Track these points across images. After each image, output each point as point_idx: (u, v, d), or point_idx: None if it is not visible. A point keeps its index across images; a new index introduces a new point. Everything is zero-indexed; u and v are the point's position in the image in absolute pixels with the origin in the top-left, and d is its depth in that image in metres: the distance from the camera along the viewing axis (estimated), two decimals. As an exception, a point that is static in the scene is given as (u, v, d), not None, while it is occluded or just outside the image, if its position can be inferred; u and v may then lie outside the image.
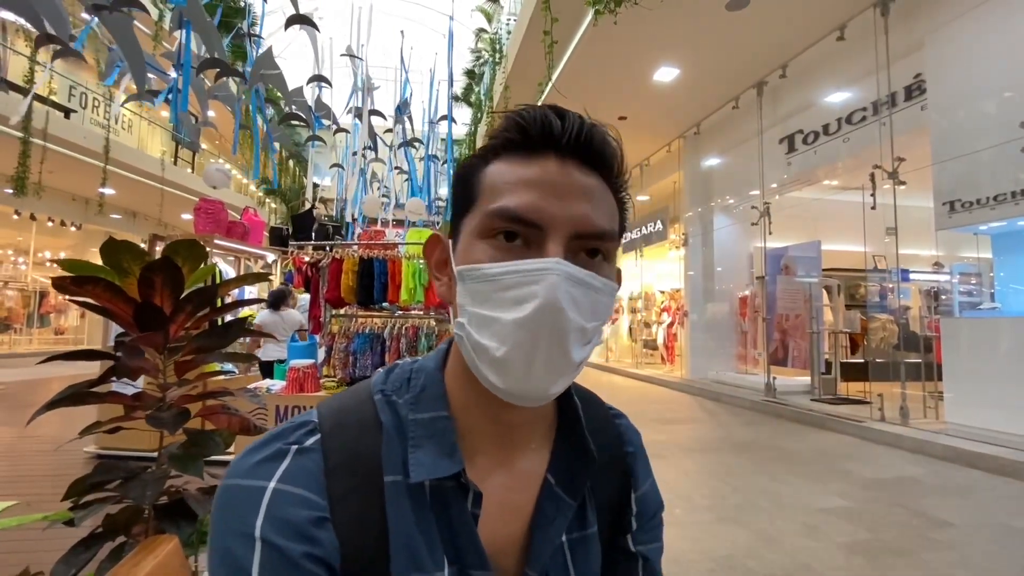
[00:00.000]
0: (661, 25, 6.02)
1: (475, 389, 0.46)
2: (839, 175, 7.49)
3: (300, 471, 0.43)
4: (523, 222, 0.42)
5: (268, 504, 0.40)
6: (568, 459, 0.51)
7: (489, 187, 0.45)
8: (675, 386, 9.21)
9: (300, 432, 0.45)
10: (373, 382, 0.51)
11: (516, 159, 0.45)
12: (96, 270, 1.18)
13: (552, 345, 0.41)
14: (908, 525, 3.01)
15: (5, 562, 1.96)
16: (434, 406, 0.48)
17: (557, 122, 0.44)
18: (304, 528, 0.40)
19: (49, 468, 3.80)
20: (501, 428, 0.49)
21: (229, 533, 0.40)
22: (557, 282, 0.41)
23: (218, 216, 4.68)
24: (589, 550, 0.51)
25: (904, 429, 5.04)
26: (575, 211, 0.43)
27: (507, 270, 0.42)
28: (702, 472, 4.11)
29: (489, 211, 0.44)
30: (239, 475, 0.43)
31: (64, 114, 10.03)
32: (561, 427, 0.53)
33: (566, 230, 0.43)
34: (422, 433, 0.46)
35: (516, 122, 0.45)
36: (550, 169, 0.44)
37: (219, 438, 1.24)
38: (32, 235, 13.84)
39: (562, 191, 0.43)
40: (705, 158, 9.52)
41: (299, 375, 3.79)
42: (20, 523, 0.97)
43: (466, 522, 0.45)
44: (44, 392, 7.38)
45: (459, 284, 0.44)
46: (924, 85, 5.39)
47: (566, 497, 0.50)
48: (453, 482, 0.45)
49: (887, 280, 6.89)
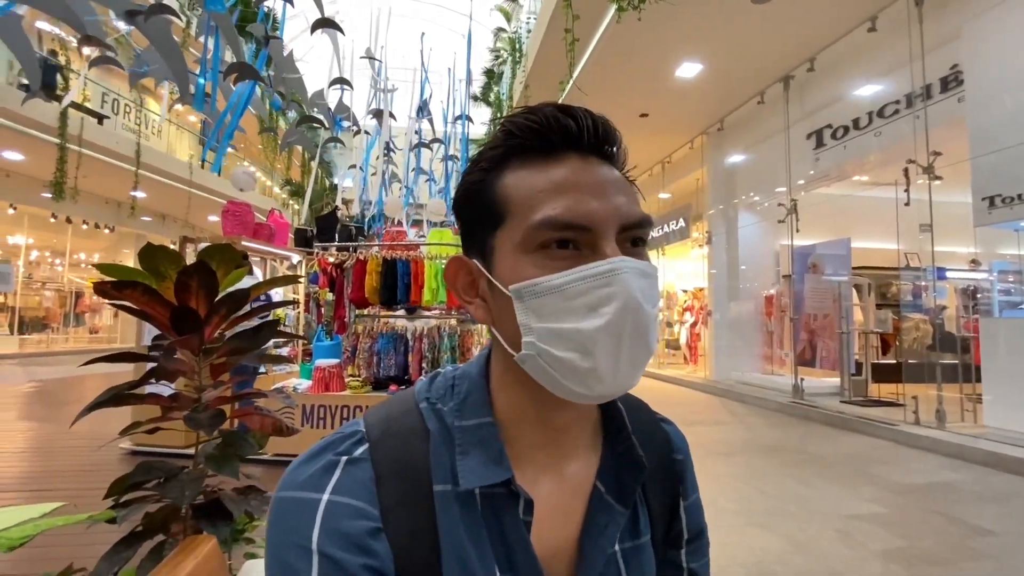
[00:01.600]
0: (684, 20, 5.93)
1: (525, 394, 0.46)
2: (870, 170, 7.28)
3: (352, 482, 0.43)
4: (573, 227, 0.41)
5: (323, 516, 0.40)
6: (616, 466, 0.50)
7: (520, 198, 0.43)
8: (698, 387, 9.07)
9: (349, 442, 0.45)
10: (417, 390, 0.51)
11: (534, 164, 0.44)
12: (134, 274, 1.21)
13: (636, 342, 0.41)
14: (946, 533, 2.91)
15: (46, 556, 2.03)
16: (478, 412, 0.47)
17: (571, 121, 0.43)
18: (360, 539, 0.40)
19: (86, 464, 3.93)
20: (548, 433, 0.48)
21: (287, 546, 0.40)
22: (630, 278, 0.41)
23: (245, 218, 4.78)
24: (643, 560, 0.50)
25: (940, 433, 4.87)
26: (616, 205, 0.43)
27: (574, 278, 0.41)
28: (728, 475, 4.04)
29: (534, 223, 0.42)
30: (293, 487, 0.43)
31: (98, 120, 10.37)
32: (607, 433, 0.52)
33: (613, 226, 0.42)
34: (468, 440, 0.46)
35: (529, 127, 0.44)
36: (578, 168, 0.43)
37: (253, 439, 1.26)
38: (68, 237, 14.37)
39: (598, 189, 0.43)
40: (729, 154, 9.35)
41: (325, 374, 3.85)
42: (67, 523, 1.00)
43: (518, 530, 0.44)
44: (79, 390, 7.65)
45: (516, 303, 0.42)
46: (961, 76, 5.19)
47: (617, 505, 0.49)
48: (503, 489, 0.45)
49: (921, 279, 6.67)
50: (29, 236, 13.84)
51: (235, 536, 1.45)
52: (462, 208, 0.48)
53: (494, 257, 0.45)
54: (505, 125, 0.45)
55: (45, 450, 4.38)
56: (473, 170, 0.47)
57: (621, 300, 0.40)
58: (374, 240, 6.10)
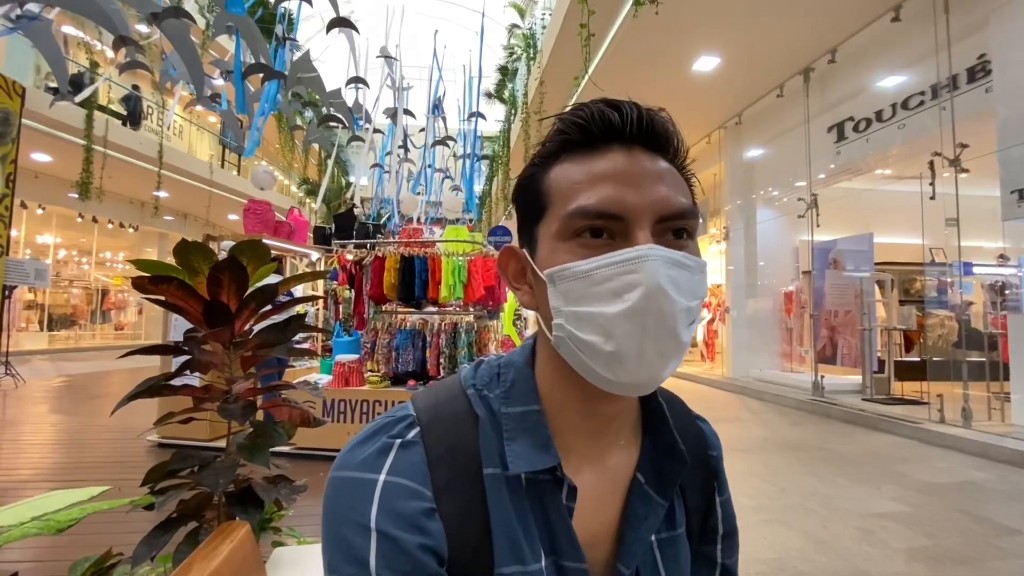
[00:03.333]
0: (702, 12, 5.86)
1: (568, 384, 0.47)
2: (893, 164, 7.12)
3: (406, 464, 0.44)
4: (605, 216, 0.42)
5: (381, 496, 0.42)
6: (657, 458, 0.51)
7: (560, 190, 0.45)
8: (716, 384, 8.99)
9: (401, 426, 0.47)
10: (463, 376, 0.52)
11: (580, 158, 0.45)
12: (169, 269, 1.25)
13: (661, 330, 0.41)
14: (972, 532, 2.85)
15: (84, 543, 2.11)
16: (525, 400, 0.48)
17: (615, 114, 0.44)
18: (416, 519, 0.41)
19: (116, 455, 4.05)
20: (593, 424, 0.49)
21: (345, 523, 0.42)
22: (656, 266, 0.40)
23: (266, 216, 4.86)
24: (679, 551, 0.52)
25: (966, 431, 4.77)
26: (654, 196, 0.43)
27: (601, 264, 0.42)
28: (747, 472, 4.01)
29: (568, 212, 0.43)
30: (350, 467, 0.44)
31: (122, 122, 10.62)
32: (647, 426, 0.53)
33: (649, 216, 0.42)
34: (515, 426, 0.47)
35: (574, 122, 0.45)
36: (619, 160, 0.44)
37: (282, 429, 1.30)
38: (94, 237, 14.74)
39: (636, 179, 0.43)
40: (747, 149, 9.22)
41: (345, 370, 3.91)
42: (111, 507, 1.05)
43: (562, 515, 0.46)
44: (107, 384, 7.87)
45: (549, 287, 0.44)
46: (988, 66, 5.05)
47: (657, 496, 0.50)
48: (549, 476, 0.46)
49: (946, 274, 6.52)
50: (57, 235, 14.23)
51: (263, 525, 1.49)
52: (517, 201, 0.50)
53: (537, 245, 0.47)
54: (556, 122, 0.47)
55: (76, 442, 4.52)
56: (528, 166, 0.49)
57: (645, 287, 0.40)
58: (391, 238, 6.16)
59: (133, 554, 1.18)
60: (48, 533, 0.92)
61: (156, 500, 1.16)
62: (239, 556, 0.97)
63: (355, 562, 0.40)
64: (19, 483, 3.38)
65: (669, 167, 0.46)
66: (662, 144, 0.46)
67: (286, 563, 1.38)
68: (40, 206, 11.76)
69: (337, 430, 3.84)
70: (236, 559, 0.95)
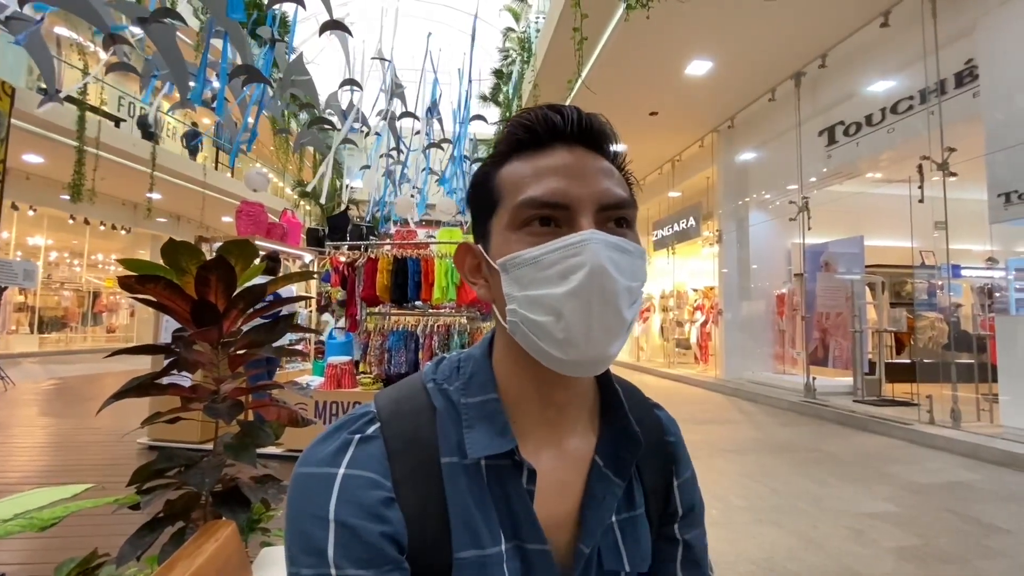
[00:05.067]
0: (694, 17, 5.91)
1: (524, 372, 0.50)
2: (883, 167, 7.19)
3: (366, 457, 0.46)
4: (551, 206, 0.46)
5: (340, 488, 0.43)
6: (614, 442, 0.54)
7: (510, 185, 0.48)
8: (709, 386, 9.03)
9: (361, 422, 0.49)
10: (424, 373, 0.55)
11: (528, 156, 0.49)
12: (156, 269, 1.25)
13: (605, 307, 0.44)
14: (960, 531, 2.88)
15: (68, 546, 2.09)
16: (483, 390, 0.51)
17: (557, 116, 0.48)
18: (375, 508, 0.43)
19: (106, 457, 4.02)
20: (549, 411, 0.51)
21: (304, 517, 0.43)
22: (598, 248, 0.44)
23: (259, 218, 4.85)
24: (638, 530, 0.54)
25: (955, 432, 4.81)
26: (595, 187, 0.47)
27: (548, 249, 0.45)
28: (738, 473, 4.03)
29: (518, 203, 0.47)
30: (311, 464, 0.46)
31: (114, 123, 10.56)
32: (605, 411, 0.55)
33: (592, 205, 0.46)
34: (474, 415, 0.49)
35: (521, 124, 0.49)
36: (562, 156, 0.48)
37: (270, 429, 1.30)
38: (86, 239, 14.64)
39: (579, 172, 0.47)
40: (740, 152, 9.29)
41: (337, 372, 3.90)
42: (95, 504, 1.04)
43: (522, 498, 0.48)
44: (98, 387, 7.80)
45: (503, 276, 0.47)
46: (976, 71, 5.12)
47: (614, 478, 0.52)
48: (508, 460, 0.48)
49: (936, 277, 6.58)
50: (48, 237, 14.12)
51: (251, 526, 1.49)
52: (470, 199, 0.54)
53: (490, 239, 0.50)
54: (507, 125, 0.51)
55: (66, 444, 4.48)
56: (481, 167, 0.53)
57: (588, 267, 0.43)
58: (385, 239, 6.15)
59: (118, 554, 1.17)
60: (32, 531, 0.92)
61: (142, 500, 1.16)
62: (224, 555, 0.97)
63: (313, 552, 0.41)
64: (7, 486, 3.34)
65: (608, 164, 0.50)
66: (601, 143, 0.50)
67: (273, 563, 1.38)
68: (31, 208, 11.66)
69: (329, 432, 3.82)
70: (220, 558, 0.95)
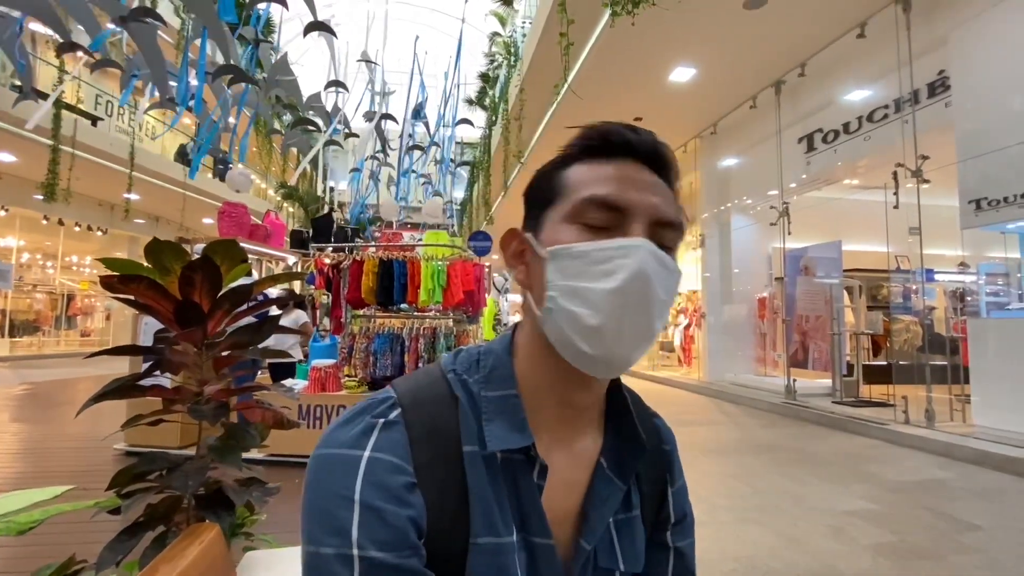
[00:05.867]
0: (678, 25, 6.00)
1: (546, 370, 0.51)
2: (860, 174, 7.37)
3: (389, 441, 0.46)
4: (609, 206, 0.48)
5: (365, 471, 0.44)
6: (619, 445, 0.55)
7: (575, 182, 0.50)
8: (692, 388, 9.13)
9: (383, 407, 0.49)
10: (443, 363, 0.55)
11: (596, 162, 0.51)
12: (140, 268, 1.23)
13: (640, 313, 0.46)
14: (935, 528, 2.95)
15: (45, 553, 2.03)
16: (504, 385, 0.52)
17: (632, 134, 0.51)
18: (399, 492, 0.44)
19: (82, 464, 3.91)
20: (567, 411, 0.53)
21: (328, 496, 0.43)
22: (646, 256, 0.46)
23: (241, 220, 4.79)
24: (634, 531, 0.56)
25: (930, 432, 4.94)
26: (652, 200, 0.49)
27: (599, 247, 0.47)
28: (721, 473, 4.08)
29: (580, 198, 0.49)
30: (335, 445, 0.46)
31: (91, 122, 10.32)
32: (611, 416, 0.57)
33: (646, 217, 0.48)
34: (494, 408, 0.50)
35: (599, 132, 0.51)
36: (629, 168, 0.50)
37: (255, 431, 1.28)
38: (60, 240, 14.25)
39: (641, 185, 0.49)
40: (722, 158, 9.44)
41: (321, 375, 3.86)
42: (75, 508, 1.02)
43: (532, 493, 0.49)
44: (72, 392, 7.59)
45: (549, 263, 0.49)
46: (948, 81, 5.29)
47: (617, 480, 0.54)
48: (522, 455, 0.50)
49: (910, 281, 6.76)
50: (20, 238, 13.71)
51: (235, 531, 1.47)
52: (530, 191, 0.54)
53: (543, 227, 0.51)
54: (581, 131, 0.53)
55: (39, 450, 4.35)
56: (549, 163, 0.54)
57: (633, 270, 0.45)
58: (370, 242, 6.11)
59: (97, 560, 1.15)
60: (8, 535, 0.89)
61: (122, 503, 1.13)
62: (207, 559, 0.96)
63: (336, 532, 0.42)
64: (-24, 494, 3.24)
65: (667, 187, 0.52)
66: (663, 166, 0.52)
67: (258, 567, 1.35)
68: (3, 207, 11.33)
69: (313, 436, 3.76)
70: (204, 562, 0.94)
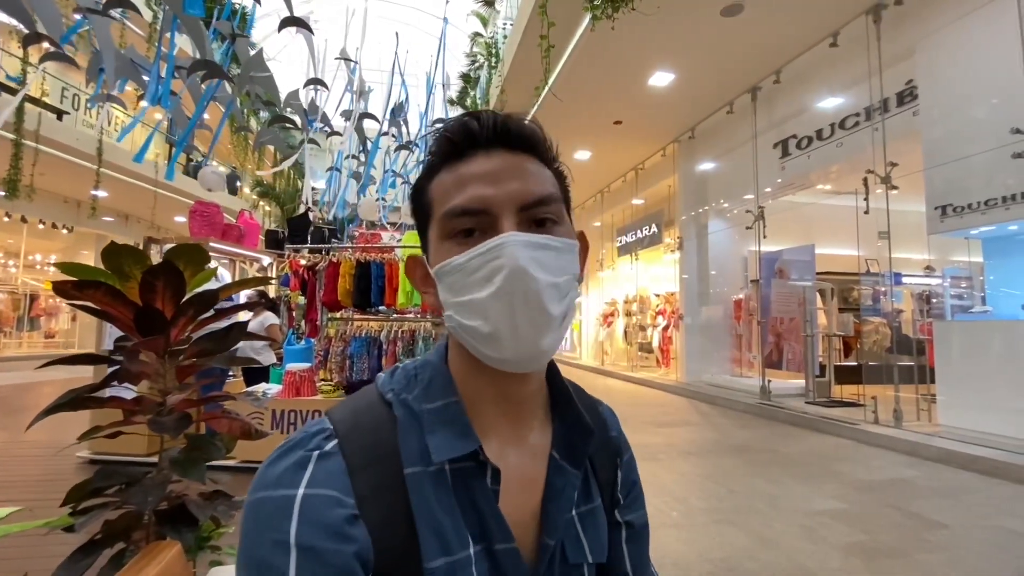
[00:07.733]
0: (657, 30, 6.06)
1: (478, 372, 0.50)
2: (833, 179, 7.55)
3: (325, 474, 0.44)
4: (470, 213, 0.47)
5: (300, 510, 0.41)
6: (567, 434, 0.55)
7: (438, 196, 0.50)
8: (670, 389, 9.23)
9: (318, 438, 0.47)
10: (379, 384, 0.54)
11: (452, 166, 0.50)
12: (97, 274, 1.18)
13: (529, 306, 0.45)
14: (903, 526, 3.03)
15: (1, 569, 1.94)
16: (444, 394, 0.51)
17: (473, 123, 0.49)
18: (339, 527, 0.41)
19: (42, 473, 3.76)
20: (508, 406, 0.52)
21: (262, 544, 0.40)
22: (515, 250, 0.45)
23: (214, 219, 4.66)
24: (597, 522, 0.55)
25: (897, 432, 5.08)
26: (512, 188, 0.47)
27: (471, 256, 0.46)
28: (698, 474, 4.12)
29: (443, 214, 0.48)
30: (266, 487, 0.43)
31: (56, 116, 9.95)
32: (556, 406, 0.57)
33: (512, 205, 0.47)
34: (436, 419, 0.49)
35: (442, 135, 0.51)
36: (481, 162, 0.49)
37: (220, 442, 1.24)
38: (23, 238, 13.72)
39: (495, 176, 0.48)
40: (700, 162, 9.58)
41: (296, 379, 3.77)
42: (23, 529, 0.96)
43: (488, 499, 0.48)
44: (35, 397, 7.30)
45: (439, 283, 0.49)
46: (916, 91, 5.46)
47: (569, 467, 0.53)
48: (472, 462, 0.48)
49: (880, 284, 6.95)
50: (-20, 236, 13.17)
51: (200, 544, 1.41)
52: (412, 212, 0.55)
53: (429, 248, 0.52)
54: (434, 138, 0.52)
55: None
56: (417, 180, 0.54)
57: (507, 269, 0.44)
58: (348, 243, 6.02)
59: (50, 580, 1.09)
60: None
61: (76, 521, 1.08)
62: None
63: None
64: (-74, 506, 3.08)
65: (531, 160, 0.50)
66: (518, 142, 0.50)
67: (224, 583, 1.31)
68: (-39, 204, 10.85)
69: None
70: (164, 582, 0.90)
